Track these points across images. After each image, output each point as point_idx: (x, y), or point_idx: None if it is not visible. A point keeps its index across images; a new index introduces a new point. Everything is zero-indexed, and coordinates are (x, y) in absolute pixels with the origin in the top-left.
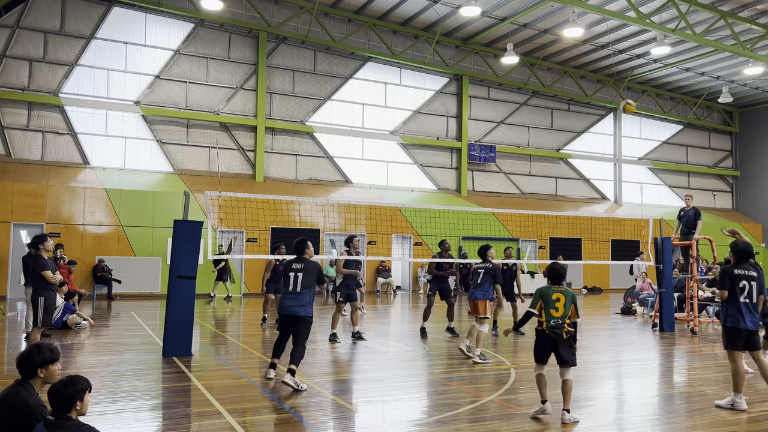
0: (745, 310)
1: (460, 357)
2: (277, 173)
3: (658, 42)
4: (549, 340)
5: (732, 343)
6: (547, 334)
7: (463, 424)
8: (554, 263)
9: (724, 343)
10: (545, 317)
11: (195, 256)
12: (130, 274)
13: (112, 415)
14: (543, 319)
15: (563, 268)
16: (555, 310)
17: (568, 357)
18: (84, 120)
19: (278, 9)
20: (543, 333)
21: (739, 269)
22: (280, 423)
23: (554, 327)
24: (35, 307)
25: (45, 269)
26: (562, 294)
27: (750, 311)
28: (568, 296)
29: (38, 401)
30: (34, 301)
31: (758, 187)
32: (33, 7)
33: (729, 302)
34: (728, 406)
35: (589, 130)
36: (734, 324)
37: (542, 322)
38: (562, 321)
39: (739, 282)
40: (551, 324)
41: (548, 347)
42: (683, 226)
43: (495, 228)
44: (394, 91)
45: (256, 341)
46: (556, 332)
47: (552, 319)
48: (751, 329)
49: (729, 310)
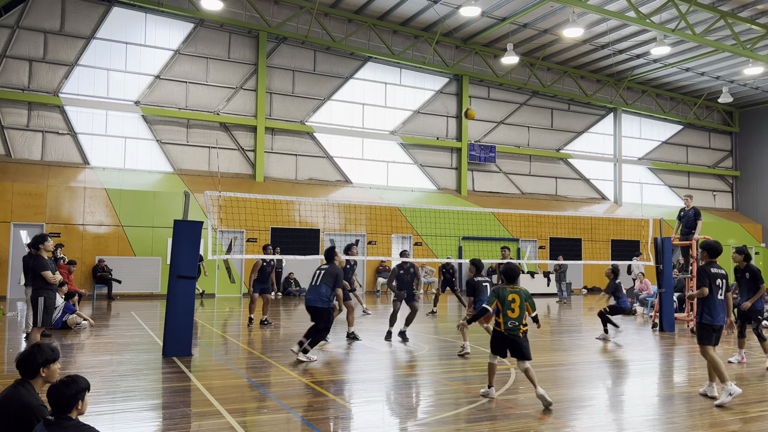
0: (720, 307)
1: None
2: (277, 173)
3: (658, 42)
4: (507, 340)
5: (707, 339)
6: (505, 335)
7: (463, 424)
8: (509, 263)
9: (698, 340)
10: (503, 319)
11: (195, 256)
12: (130, 274)
13: (112, 415)
14: (501, 320)
15: (518, 268)
16: (511, 311)
17: (525, 352)
18: (84, 120)
19: (278, 9)
20: (501, 334)
21: (714, 268)
22: (280, 423)
23: (512, 329)
24: (35, 307)
25: (45, 269)
26: (517, 294)
27: (723, 307)
28: (522, 295)
29: (39, 401)
30: (34, 301)
31: (758, 187)
32: (33, 7)
33: (707, 300)
34: (727, 398)
35: (589, 130)
36: (711, 321)
37: (500, 323)
38: (519, 322)
39: (716, 280)
40: (509, 326)
41: (506, 346)
42: (683, 226)
43: (495, 228)
44: (394, 91)
45: (256, 341)
46: (513, 333)
47: (509, 320)
48: (721, 325)
49: (706, 307)
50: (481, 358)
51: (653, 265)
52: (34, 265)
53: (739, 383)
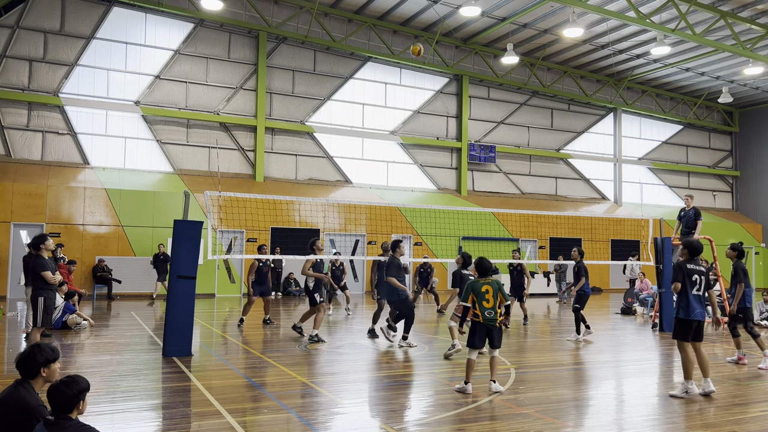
0: (695, 302)
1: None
2: (277, 173)
3: (658, 42)
4: (485, 329)
5: (683, 334)
6: (483, 324)
7: (463, 424)
8: (481, 258)
9: (674, 334)
10: (480, 309)
11: (195, 256)
12: (130, 274)
13: (112, 415)
14: (478, 311)
15: (489, 262)
16: (486, 301)
17: (498, 341)
18: (84, 120)
19: (278, 9)
20: (479, 324)
21: (692, 264)
22: (280, 423)
23: (489, 319)
24: (35, 307)
25: (45, 269)
26: (489, 285)
27: (700, 303)
28: (494, 286)
29: (38, 401)
30: (34, 301)
31: (758, 187)
32: (33, 7)
33: (681, 294)
34: (682, 395)
35: (589, 130)
36: (686, 315)
37: (478, 314)
38: (495, 312)
39: (692, 276)
40: (486, 316)
41: (483, 335)
42: (683, 226)
43: (495, 228)
44: (394, 91)
45: (256, 341)
46: (491, 323)
47: (486, 310)
48: (699, 320)
49: (681, 302)
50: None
51: (653, 265)
52: (34, 265)
53: (736, 383)
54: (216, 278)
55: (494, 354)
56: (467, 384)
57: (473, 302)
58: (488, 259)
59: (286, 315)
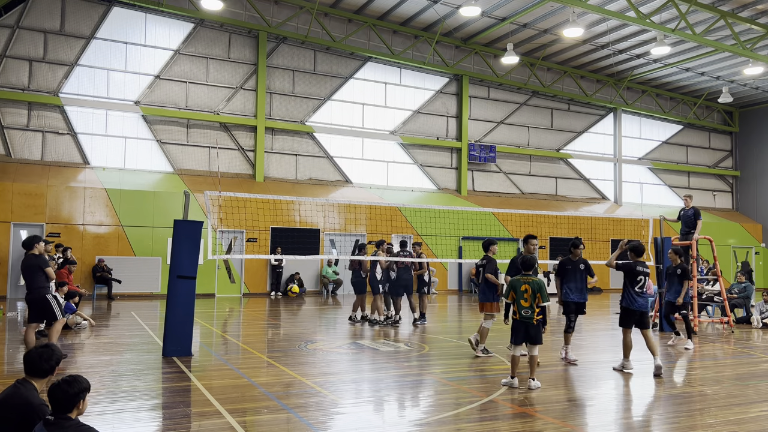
0: (637, 296)
1: (460, 357)
2: (277, 173)
3: (658, 42)
4: (523, 326)
5: (626, 322)
6: (520, 321)
7: (463, 424)
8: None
9: (619, 322)
10: (517, 308)
11: (195, 256)
12: (130, 274)
13: (112, 415)
14: (516, 309)
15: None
16: (524, 300)
17: (536, 337)
18: (84, 120)
19: (278, 9)
20: (517, 321)
21: (640, 266)
22: (280, 423)
23: (525, 317)
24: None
25: (48, 265)
26: (529, 285)
27: (642, 297)
28: (534, 286)
29: (40, 400)
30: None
31: (758, 187)
32: (33, 7)
33: (627, 289)
34: (620, 368)
35: (589, 130)
36: (628, 305)
37: (516, 311)
38: (532, 311)
39: (637, 276)
40: (523, 314)
41: (522, 332)
42: (683, 226)
43: (495, 228)
44: (394, 91)
45: (257, 341)
46: (528, 320)
47: (523, 309)
48: (642, 310)
49: (625, 295)
50: (480, 357)
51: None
52: (38, 262)
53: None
54: (216, 278)
55: (533, 353)
56: (513, 378)
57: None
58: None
59: (286, 315)
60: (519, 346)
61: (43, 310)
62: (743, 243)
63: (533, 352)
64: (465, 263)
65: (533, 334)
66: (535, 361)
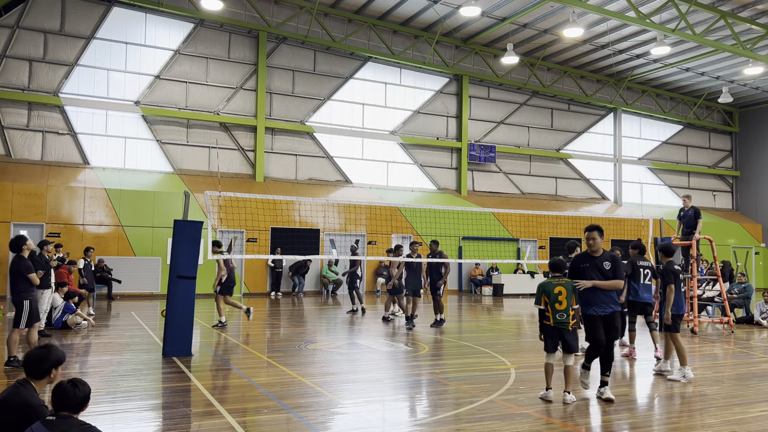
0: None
1: (460, 356)
2: (277, 173)
3: (658, 42)
4: (557, 332)
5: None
6: (554, 328)
7: (463, 424)
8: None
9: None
10: (551, 312)
11: (195, 256)
12: (130, 274)
13: (112, 415)
14: (549, 314)
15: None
16: (558, 303)
17: (572, 343)
18: (84, 120)
19: (278, 9)
20: (549, 327)
21: (641, 261)
22: (280, 423)
23: (560, 322)
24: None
25: (31, 272)
26: (563, 287)
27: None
28: (569, 288)
29: (39, 401)
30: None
31: (758, 187)
32: (33, 7)
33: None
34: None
35: (589, 130)
36: (634, 298)
37: (549, 317)
38: (567, 315)
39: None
40: (557, 319)
41: (556, 338)
42: (684, 226)
43: (495, 228)
44: (394, 91)
45: (256, 341)
46: (563, 327)
47: (557, 313)
48: (647, 302)
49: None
50: (480, 357)
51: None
52: (20, 267)
53: (736, 383)
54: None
55: (568, 362)
56: (548, 390)
57: (545, 304)
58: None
59: (286, 315)
60: (552, 355)
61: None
62: (743, 243)
63: (568, 362)
64: (465, 263)
65: (568, 340)
66: (570, 372)
